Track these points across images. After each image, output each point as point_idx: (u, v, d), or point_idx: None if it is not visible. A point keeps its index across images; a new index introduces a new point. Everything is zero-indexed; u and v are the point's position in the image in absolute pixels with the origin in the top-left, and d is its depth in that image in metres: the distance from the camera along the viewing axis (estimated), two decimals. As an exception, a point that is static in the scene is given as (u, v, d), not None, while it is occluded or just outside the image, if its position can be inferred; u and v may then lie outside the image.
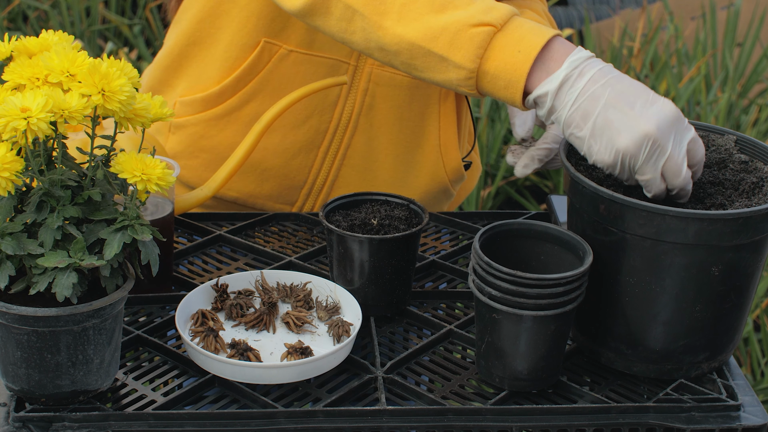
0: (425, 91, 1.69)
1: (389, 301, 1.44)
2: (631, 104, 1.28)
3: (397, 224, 1.44)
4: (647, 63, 4.34)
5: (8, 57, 1.25)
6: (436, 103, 1.70)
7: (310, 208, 1.75)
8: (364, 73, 1.66)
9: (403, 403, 1.29)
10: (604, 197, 1.27)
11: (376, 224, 1.44)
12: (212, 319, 1.37)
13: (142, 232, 1.20)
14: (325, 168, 1.71)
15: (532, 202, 3.74)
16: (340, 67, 1.65)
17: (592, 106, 1.29)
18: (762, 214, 1.25)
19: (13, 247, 1.16)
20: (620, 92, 1.28)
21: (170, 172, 1.21)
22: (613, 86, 1.29)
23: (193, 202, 1.62)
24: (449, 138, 1.72)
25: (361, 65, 1.65)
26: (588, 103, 1.29)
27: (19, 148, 1.17)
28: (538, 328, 1.27)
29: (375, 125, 1.70)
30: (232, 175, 1.60)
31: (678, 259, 1.26)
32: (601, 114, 1.28)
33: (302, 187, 1.73)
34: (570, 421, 1.26)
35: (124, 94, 1.18)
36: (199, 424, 1.22)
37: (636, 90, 1.29)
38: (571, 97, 1.29)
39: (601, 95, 1.28)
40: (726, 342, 1.34)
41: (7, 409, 1.23)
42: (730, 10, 4.57)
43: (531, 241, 1.35)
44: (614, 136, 1.27)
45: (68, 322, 1.17)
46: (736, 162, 1.39)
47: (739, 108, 4.12)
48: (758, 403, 1.31)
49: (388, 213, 1.47)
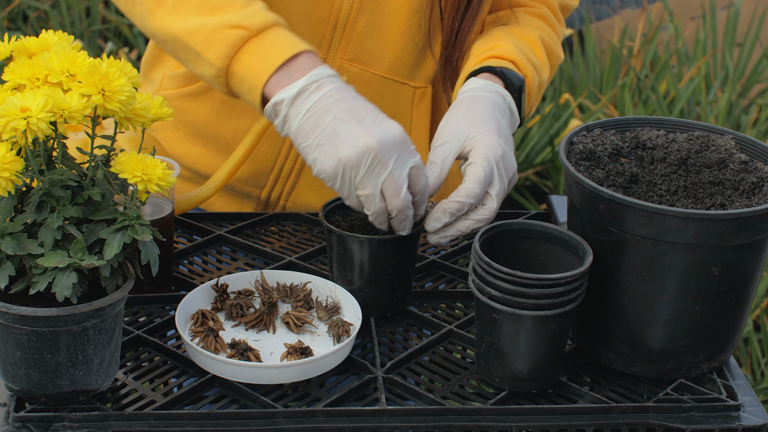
0: (397, 92, 1.68)
1: (389, 301, 1.44)
2: (359, 120, 1.33)
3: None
4: (647, 63, 4.34)
5: (8, 57, 1.25)
6: (408, 104, 1.70)
7: (278, 194, 1.74)
8: (334, 65, 1.65)
9: (403, 403, 1.29)
10: (604, 197, 1.27)
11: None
12: (212, 319, 1.37)
13: (142, 232, 1.20)
14: (292, 155, 1.71)
15: (532, 202, 3.74)
16: None
17: (322, 118, 1.33)
18: (762, 214, 1.25)
19: (13, 247, 1.16)
20: (351, 109, 1.34)
21: (170, 172, 1.21)
22: (345, 103, 1.34)
23: (193, 203, 1.62)
24: (421, 141, 1.71)
25: (331, 58, 1.65)
26: (319, 115, 1.33)
27: (19, 148, 1.17)
28: (538, 328, 1.27)
29: None
30: (231, 176, 1.60)
31: (678, 259, 1.26)
32: (329, 125, 1.33)
33: (270, 172, 1.72)
34: (570, 421, 1.26)
35: (124, 94, 1.18)
36: (199, 424, 1.22)
37: (368, 109, 1.34)
38: (305, 108, 1.34)
39: (333, 109, 1.33)
40: (726, 342, 1.34)
41: (7, 409, 1.23)
42: (730, 10, 4.57)
43: (531, 241, 1.35)
44: (338, 146, 1.32)
45: (68, 322, 1.17)
46: (736, 162, 1.39)
47: (739, 108, 4.12)
48: (758, 403, 1.31)
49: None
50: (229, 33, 1.39)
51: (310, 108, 1.34)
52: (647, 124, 1.47)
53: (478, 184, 1.39)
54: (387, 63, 1.65)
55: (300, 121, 1.34)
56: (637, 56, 4.41)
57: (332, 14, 1.61)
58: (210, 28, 1.40)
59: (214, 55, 1.39)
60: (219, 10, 1.41)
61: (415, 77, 1.68)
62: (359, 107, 1.35)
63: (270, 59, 1.37)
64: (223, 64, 1.39)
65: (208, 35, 1.40)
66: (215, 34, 1.39)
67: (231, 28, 1.39)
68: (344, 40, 1.63)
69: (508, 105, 1.52)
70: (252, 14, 1.40)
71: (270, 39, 1.39)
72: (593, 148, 1.39)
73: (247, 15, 1.40)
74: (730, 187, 1.35)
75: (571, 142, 1.41)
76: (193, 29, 1.41)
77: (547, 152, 3.85)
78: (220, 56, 1.39)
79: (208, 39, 1.40)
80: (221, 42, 1.39)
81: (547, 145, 3.84)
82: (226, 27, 1.39)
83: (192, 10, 1.43)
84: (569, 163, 1.35)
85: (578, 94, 4.17)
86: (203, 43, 1.40)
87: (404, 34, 1.63)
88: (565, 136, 1.40)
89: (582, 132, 1.43)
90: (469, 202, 1.39)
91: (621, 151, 1.41)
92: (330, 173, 1.33)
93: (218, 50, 1.39)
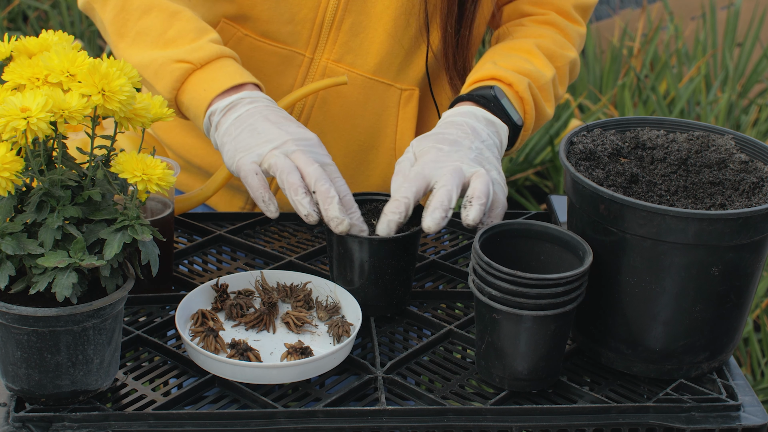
0: (383, 93, 1.69)
1: (389, 301, 1.44)
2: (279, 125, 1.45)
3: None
4: (647, 63, 4.34)
5: (8, 57, 1.25)
6: (394, 106, 1.70)
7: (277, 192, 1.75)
8: (320, 66, 1.67)
9: (403, 403, 1.29)
10: (604, 197, 1.27)
11: (377, 224, 1.44)
12: (212, 319, 1.37)
13: (142, 232, 1.20)
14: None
15: (532, 202, 3.74)
16: (294, 58, 1.66)
17: (246, 120, 1.45)
18: (762, 214, 1.25)
19: (13, 247, 1.16)
20: (276, 116, 1.46)
21: (170, 172, 1.21)
22: (273, 111, 1.47)
23: (193, 203, 1.62)
24: (405, 144, 1.71)
25: (317, 58, 1.66)
26: (244, 118, 1.46)
27: (19, 148, 1.17)
28: (538, 328, 1.27)
29: (328, 119, 1.70)
30: (231, 176, 1.60)
31: (678, 259, 1.26)
32: (250, 124, 1.45)
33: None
34: (570, 421, 1.26)
35: (124, 94, 1.18)
36: (199, 424, 1.22)
37: (290, 120, 1.47)
38: (234, 116, 1.46)
39: (259, 113, 1.46)
40: (726, 342, 1.34)
41: (7, 409, 1.23)
42: (730, 10, 4.57)
43: (531, 241, 1.35)
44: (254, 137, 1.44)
45: (68, 322, 1.17)
46: (736, 162, 1.39)
47: (739, 108, 4.12)
48: (758, 403, 1.31)
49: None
50: (176, 67, 1.51)
51: (239, 116, 1.46)
52: (647, 124, 1.47)
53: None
54: (373, 64, 1.66)
55: (227, 125, 1.46)
56: (637, 56, 4.41)
57: (318, 15, 1.63)
58: (159, 62, 1.52)
59: (163, 88, 1.52)
60: (171, 43, 1.53)
61: (402, 79, 1.69)
62: (283, 117, 1.46)
63: (210, 90, 1.49)
64: (171, 95, 1.52)
65: (158, 69, 1.52)
66: (163, 68, 1.52)
67: (177, 62, 1.51)
68: (330, 41, 1.65)
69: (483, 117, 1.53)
70: (198, 48, 1.52)
71: (213, 71, 1.51)
72: (593, 148, 1.39)
73: (194, 49, 1.51)
74: (730, 187, 1.35)
75: (571, 142, 1.41)
76: (146, 62, 1.53)
77: (547, 152, 3.85)
78: (167, 88, 1.51)
79: (157, 72, 1.52)
80: (168, 75, 1.51)
81: (547, 145, 3.84)
82: (173, 61, 1.51)
83: (149, 43, 1.55)
84: (569, 163, 1.35)
85: (578, 94, 4.17)
86: (154, 76, 1.53)
87: (390, 36, 1.64)
88: (565, 136, 1.40)
89: (582, 132, 1.43)
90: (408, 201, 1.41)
91: (621, 151, 1.41)
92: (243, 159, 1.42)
93: (166, 83, 1.51)
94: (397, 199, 1.38)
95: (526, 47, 1.65)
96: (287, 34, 1.65)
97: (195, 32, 1.54)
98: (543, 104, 1.63)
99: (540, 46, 1.66)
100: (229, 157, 1.45)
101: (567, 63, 1.69)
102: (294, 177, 1.38)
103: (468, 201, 1.39)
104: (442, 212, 1.37)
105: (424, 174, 1.41)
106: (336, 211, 1.37)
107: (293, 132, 1.43)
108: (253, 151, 1.42)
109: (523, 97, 1.59)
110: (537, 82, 1.61)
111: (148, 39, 1.55)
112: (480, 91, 1.57)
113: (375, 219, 1.45)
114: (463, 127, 1.50)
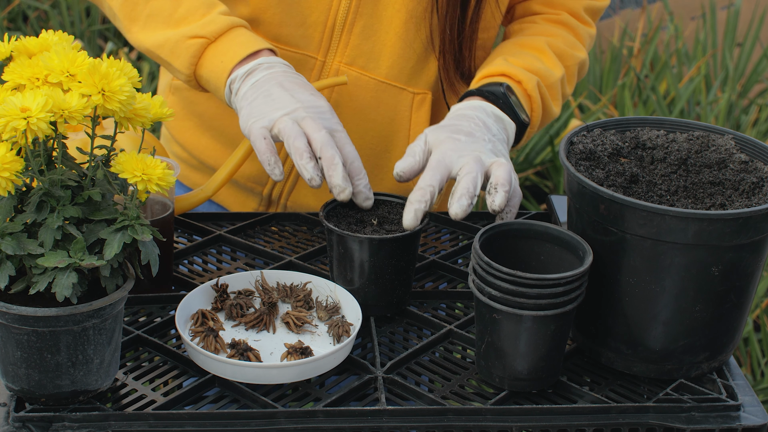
0: (395, 97, 1.69)
1: (389, 301, 1.44)
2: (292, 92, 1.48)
3: (398, 224, 1.44)
4: (647, 63, 4.34)
5: (8, 57, 1.25)
6: (407, 109, 1.70)
7: (279, 192, 1.76)
8: (332, 69, 1.68)
9: (403, 403, 1.29)
10: (604, 197, 1.27)
11: (376, 224, 1.44)
12: (212, 319, 1.37)
13: (142, 232, 1.20)
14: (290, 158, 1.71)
15: (532, 202, 3.74)
16: (307, 61, 1.67)
17: (263, 86, 1.49)
18: (762, 214, 1.25)
19: (13, 247, 1.16)
20: (291, 82, 1.50)
21: (170, 173, 1.21)
22: (287, 77, 1.51)
23: (193, 203, 1.62)
24: None
25: (329, 61, 1.67)
26: (261, 83, 1.50)
27: (19, 148, 1.17)
28: (538, 328, 1.27)
29: (341, 122, 1.70)
30: (230, 177, 1.60)
31: (678, 259, 1.26)
32: (266, 89, 1.49)
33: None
34: (570, 421, 1.26)
35: (124, 94, 1.18)
36: (199, 424, 1.22)
37: (305, 86, 1.51)
38: (252, 81, 1.50)
39: (274, 79, 1.50)
40: (726, 342, 1.34)
41: (7, 409, 1.23)
42: (730, 10, 4.57)
43: (531, 241, 1.35)
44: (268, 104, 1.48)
45: (68, 322, 1.17)
46: (736, 162, 1.39)
47: (739, 108, 4.12)
48: (758, 403, 1.31)
49: (389, 213, 1.47)
50: (191, 43, 1.55)
51: (256, 81, 1.50)
52: (647, 124, 1.47)
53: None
54: (385, 67, 1.66)
55: (245, 91, 1.50)
56: (637, 56, 4.41)
57: (329, 18, 1.63)
58: (174, 40, 1.56)
59: (181, 65, 1.55)
60: (183, 21, 1.57)
61: (414, 83, 1.69)
62: (298, 84, 1.50)
63: (227, 61, 1.53)
64: (189, 71, 1.56)
65: (173, 47, 1.56)
66: (179, 45, 1.55)
67: (191, 39, 1.55)
68: (342, 44, 1.65)
69: (492, 113, 1.55)
70: (210, 22, 1.55)
71: (227, 42, 1.54)
72: (593, 148, 1.39)
73: (205, 24, 1.55)
74: (730, 187, 1.35)
75: (571, 142, 1.41)
76: (161, 42, 1.57)
77: (547, 152, 3.85)
78: (185, 65, 1.55)
79: (173, 51, 1.56)
80: (184, 52, 1.55)
81: (547, 145, 3.84)
82: (187, 38, 1.55)
83: (161, 24, 1.58)
84: (569, 163, 1.35)
85: (578, 94, 4.17)
86: (171, 55, 1.56)
87: (401, 39, 1.64)
88: (565, 136, 1.40)
89: (582, 132, 1.43)
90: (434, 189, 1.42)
91: (621, 151, 1.41)
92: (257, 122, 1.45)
93: (183, 60, 1.55)
94: (422, 188, 1.40)
95: (537, 45, 1.66)
96: (299, 37, 1.65)
97: (204, 7, 1.57)
98: (550, 103, 1.64)
99: (551, 44, 1.67)
100: (243, 121, 1.48)
101: (576, 63, 1.70)
102: (300, 142, 1.41)
103: (493, 187, 1.42)
104: (468, 199, 1.39)
105: (445, 162, 1.43)
106: (339, 178, 1.40)
107: (305, 100, 1.47)
108: (265, 117, 1.46)
109: (531, 95, 1.60)
110: (546, 81, 1.62)
111: (159, 20, 1.58)
112: (489, 87, 1.58)
113: (375, 219, 1.45)
114: (475, 120, 1.52)
